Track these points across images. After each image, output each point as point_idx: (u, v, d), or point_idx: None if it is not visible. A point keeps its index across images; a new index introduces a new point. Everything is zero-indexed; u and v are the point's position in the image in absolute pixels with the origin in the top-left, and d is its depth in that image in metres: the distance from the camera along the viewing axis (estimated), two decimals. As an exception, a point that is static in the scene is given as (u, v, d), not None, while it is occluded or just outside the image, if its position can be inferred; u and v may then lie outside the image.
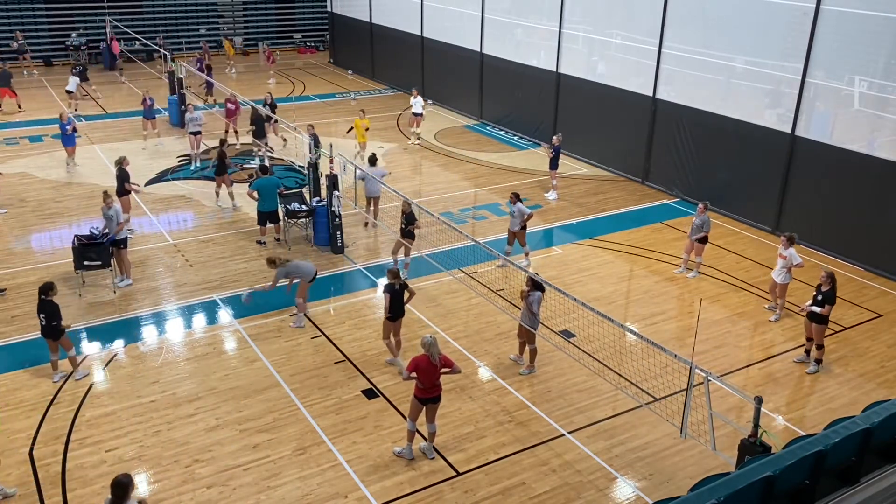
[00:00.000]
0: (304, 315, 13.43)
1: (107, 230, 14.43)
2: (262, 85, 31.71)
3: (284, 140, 23.60)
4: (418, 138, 24.22)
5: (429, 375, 9.66)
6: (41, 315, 11.30)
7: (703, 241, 15.09)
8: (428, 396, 9.82)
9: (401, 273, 15.04)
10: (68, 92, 26.79)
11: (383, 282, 15.18)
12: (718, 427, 9.82)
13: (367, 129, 21.78)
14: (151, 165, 21.20)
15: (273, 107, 22.79)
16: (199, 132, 21.28)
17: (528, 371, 12.04)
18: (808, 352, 12.48)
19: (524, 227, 15.45)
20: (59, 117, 20.54)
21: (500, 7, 25.33)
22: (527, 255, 15.68)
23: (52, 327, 11.30)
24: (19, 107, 27.00)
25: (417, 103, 23.96)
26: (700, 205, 15.15)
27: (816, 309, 11.94)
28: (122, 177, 16.50)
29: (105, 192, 14.64)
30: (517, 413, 11.13)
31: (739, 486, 6.08)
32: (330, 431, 10.62)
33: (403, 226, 14.71)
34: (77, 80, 27.13)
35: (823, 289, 11.96)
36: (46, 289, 11.30)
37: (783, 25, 17.25)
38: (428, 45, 29.07)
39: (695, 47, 19.17)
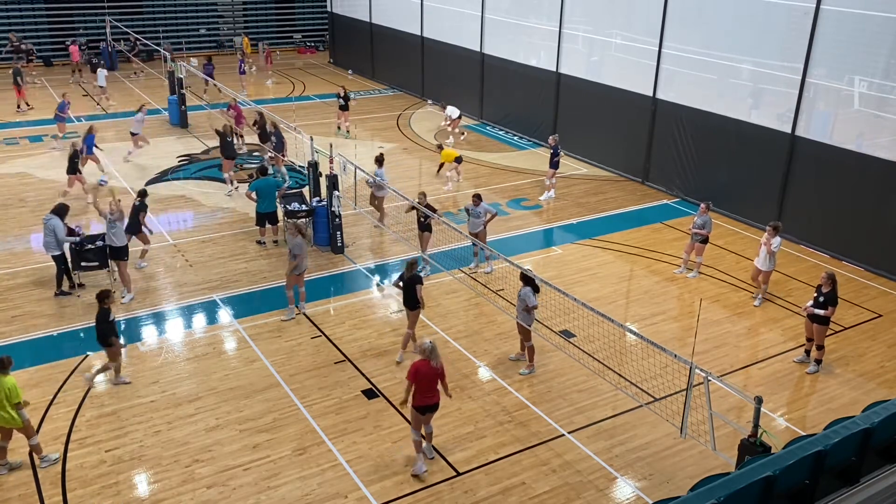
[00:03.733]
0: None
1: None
2: (260, 85, 31.75)
3: (348, 130, 24.64)
4: (462, 134, 24.82)
5: (429, 380, 9.52)
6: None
7: (704, 241, 15.09)
8: (427, 404, 9.61)
9: (423, 270, 15.06)
10: (101, 87, 27.81)
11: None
12: (718, 427, 9.82)
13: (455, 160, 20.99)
14: (151, 165, 21.20)
15: (346, 99, 24.71)
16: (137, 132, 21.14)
17: (528, 371, 12.03)
18: (808, 352, 12.48)
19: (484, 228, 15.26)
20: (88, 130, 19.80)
21: (500, 7, 25.33)
22: (488, 259, 15.52)
23: (102, 333, 11.25)
24: (26, 105, 27.02)
25: (453, 111, 24.43)
26: (702, 205, 15.16)
27: (819, 311, 11.94)
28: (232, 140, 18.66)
29: (114, 197, 14.44)
30: (517, 413, 11.13)
31: (739, 486, 6.08)
32: (330, 431, 10.62)
33: (423, 219, 14.74)
34: (105, 72, 28.17)
35: (824, 290, 11.95)
36: (103, 297, 11.21)
37: (783, 25, 17.25)
38: (428, 45, 29.07)
39: (695, 47, 19.17)
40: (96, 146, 19.85)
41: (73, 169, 18.11)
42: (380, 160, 17.28)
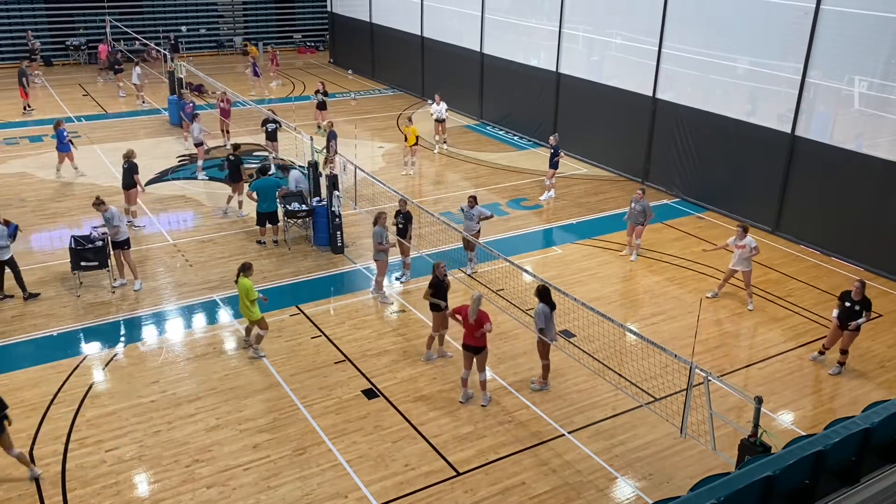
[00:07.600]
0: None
1: (105, 232, 14.39)
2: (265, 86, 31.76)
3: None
4: (444, 142, 23.79)
5: (466, 325, 10.78)
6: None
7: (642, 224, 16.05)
8: (468, 344, 10.87)
9: (403, 276, 15.06)
10: (135, 84, 28.12)
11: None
12: (718, 427, 9.83)
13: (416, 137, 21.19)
14: (151, 165, 21.18)
15: (325, 94, 24.70)
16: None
17: (541, 388, 11.66)
18: (821, 352, 12.51)
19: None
20: (54, 125, 19.73)
21: (500, 7, 25.33)
22: (471, 260, 15.53)
23: None
24: (28, 106, 27.01)
25: (441, 109, 23.31)
26: (638, 191, 15.91)
27: (862, 320, 11.95)
28: (132, 169, 16.97)
29: (97, 198, 14.39)
30: (517, 413, 11.13)
31: (739, 486, 6.09)
32: (330, 431, 10.62)
33: (401, 225, 14.67)
34: (139, 70, 28.23)
35: (855, 298, 11.93)
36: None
37: (783, 25, 17.25)
38: (428, 45, 29.07)
39: (695, 47, 19.17)
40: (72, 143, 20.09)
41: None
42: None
